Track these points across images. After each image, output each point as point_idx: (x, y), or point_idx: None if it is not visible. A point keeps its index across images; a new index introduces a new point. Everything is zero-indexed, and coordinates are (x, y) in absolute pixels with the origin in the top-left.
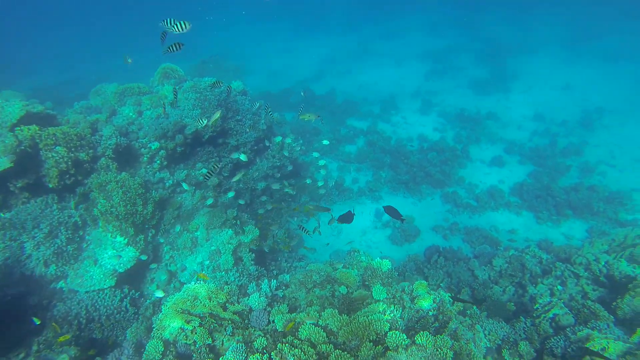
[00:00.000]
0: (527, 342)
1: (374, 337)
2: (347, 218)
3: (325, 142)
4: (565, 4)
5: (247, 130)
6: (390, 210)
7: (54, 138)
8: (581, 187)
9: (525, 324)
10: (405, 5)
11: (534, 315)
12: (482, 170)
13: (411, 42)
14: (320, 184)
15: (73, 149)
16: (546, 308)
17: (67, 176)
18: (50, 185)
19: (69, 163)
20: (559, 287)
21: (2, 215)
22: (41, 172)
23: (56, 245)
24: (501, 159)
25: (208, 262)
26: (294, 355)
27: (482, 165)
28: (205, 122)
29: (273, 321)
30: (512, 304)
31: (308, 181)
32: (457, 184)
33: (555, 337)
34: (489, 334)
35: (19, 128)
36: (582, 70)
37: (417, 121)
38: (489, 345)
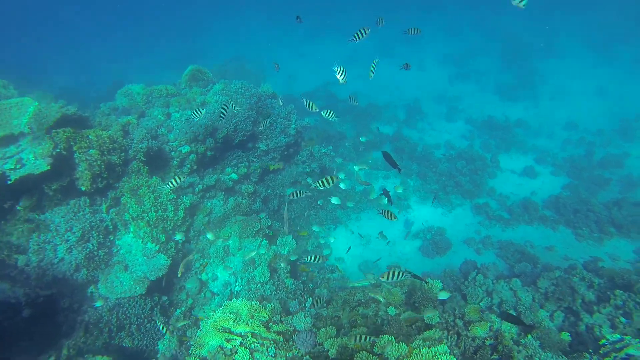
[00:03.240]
0: None
1: None
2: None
3: (363, 139)
4: (591, 5)
5: (278, 134)
6: (387, 157)
7: (87, 141)
8: (625, 203)
9: None
10: (421, 7)
11: (601, 352)
12: (513, 180)
13: (431, 45)
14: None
15: (106, 152)
16: (617, 346)
17: (100, 179)
18: (83, 189)
19: (102, 166)
20: (622, 319)
21: (37, 216)
22: (74, 174)
23: (88, 249)
24: (533, 169)
25: (241, 273)
26: None
27: (512, 176)
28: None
29: (321, 344)
30: (567, 334)
31: (342, 186)
32: (487, 195)
33: None
34: None
35: (55, 131)
36: (616, 74)
37: (444, 128)
38: None
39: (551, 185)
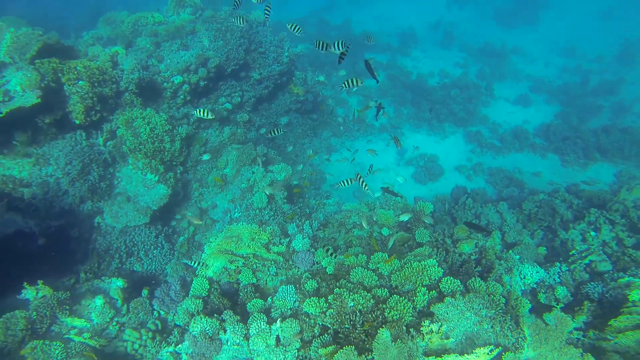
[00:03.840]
0: (565, 287)
1: (427, 282)
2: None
3: (343, 72)
4: None
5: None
6: (368, 66)
7: (76, 72)
8: (613, 129)
9: (560, 268)
10: None
11: (570, 260)
12: (507, 109)
13: None
14: (339, 119)
15: (96, 84)
16: (583, 254)
17: (93, 112)
18: (77, 122)
19: (94, 99)
20: (592, 233)
21: (35, 150)
22: (67, 108)
23: (90, 181)
24: (527, 97)
25: (240, 200)
26: (353, 300)
27: (506, 104)
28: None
29: (319, 262)
30: (544, 248)
31: (339, 119)
32: (480, 123)
33: (591, 283)
34: (524, 278)
35: (39, 61)
36: None
37: (438, 55)
38: (523, 289)
39: (544, 114)
